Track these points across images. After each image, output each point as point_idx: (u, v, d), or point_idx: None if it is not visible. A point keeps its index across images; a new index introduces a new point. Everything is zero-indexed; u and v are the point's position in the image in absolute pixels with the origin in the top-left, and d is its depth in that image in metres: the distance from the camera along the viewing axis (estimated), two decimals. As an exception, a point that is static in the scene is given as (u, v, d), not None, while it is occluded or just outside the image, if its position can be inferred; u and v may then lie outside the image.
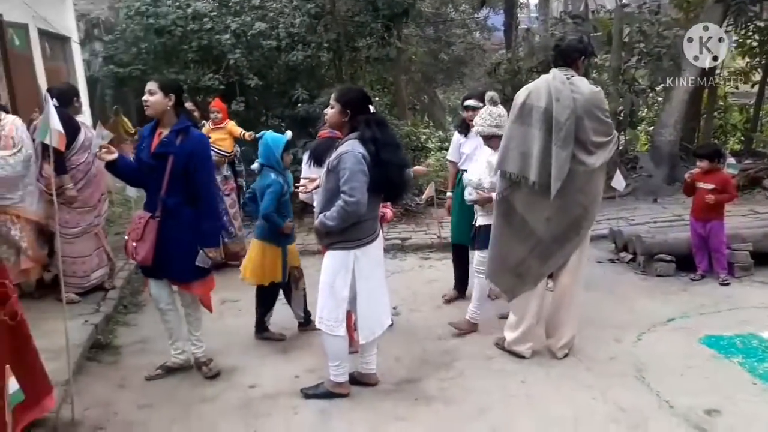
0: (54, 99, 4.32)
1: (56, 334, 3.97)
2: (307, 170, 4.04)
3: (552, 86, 3.52)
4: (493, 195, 3.85)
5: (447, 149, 9.92)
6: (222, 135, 6.06)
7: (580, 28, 8.38)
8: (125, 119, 9.05)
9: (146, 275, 3.79)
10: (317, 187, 3.59)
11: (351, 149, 3.12)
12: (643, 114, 11.49)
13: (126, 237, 3.74)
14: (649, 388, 3.52)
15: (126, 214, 7.36)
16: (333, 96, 3.32)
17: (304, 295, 4.52)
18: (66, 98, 4.93)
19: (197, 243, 3.51)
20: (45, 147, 3.94)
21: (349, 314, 3.51)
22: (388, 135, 3.30)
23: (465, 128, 4.86)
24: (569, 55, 3.65)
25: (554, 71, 3.64)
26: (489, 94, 4.23)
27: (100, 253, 5.14)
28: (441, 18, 15.18)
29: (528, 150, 3.54)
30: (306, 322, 4.51)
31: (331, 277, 3.28)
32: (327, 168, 3.25)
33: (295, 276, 4.43)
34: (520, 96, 3.66)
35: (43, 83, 8.05)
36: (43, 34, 8.67)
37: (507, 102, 8.03)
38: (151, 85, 3.51)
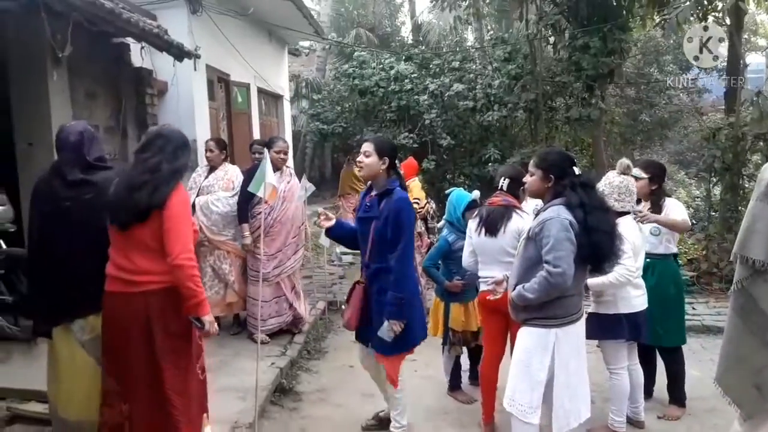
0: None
1: (245, 374, 4.12)
2: (476, 239, 3.73)
3: None
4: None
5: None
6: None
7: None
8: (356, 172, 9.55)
9: (356, 339, 3.73)
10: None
11: (556, 215, 2.83)
12: None
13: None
14: None
15: (314, 260, 7.66)
16: (533, 162, 3.05)
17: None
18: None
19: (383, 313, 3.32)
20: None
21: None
22: (596, 198, 2.96)
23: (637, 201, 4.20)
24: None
25: None
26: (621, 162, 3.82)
27: (280, 301, 5.15)
28: (644, 79, 14.31)
29: None
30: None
31: (526, 356, 2.96)
32: (527, 235, 2.98)
33: (466, 339, 4.21)
34: (766, 171, 3.07)
35: (257, 136, 8.90)
36: (261, 92, 9.65)
37: (727, 170, 7.22)
38: (367, 147, 3.37)
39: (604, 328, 3.61)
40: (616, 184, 3.65)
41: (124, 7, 4.80)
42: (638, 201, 4.07)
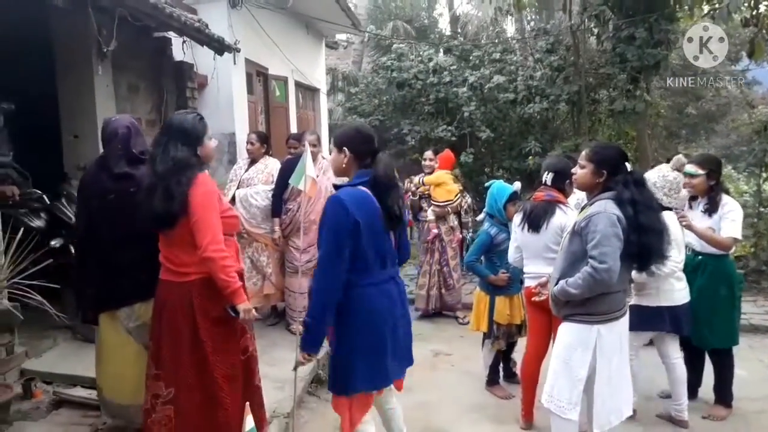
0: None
1: (283, 364, 4.15)
2: (520, 234, 3.66)
3: None
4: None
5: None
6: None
7: None
8: None
9: None
10: None
11: (604, 210, 2.75)
12: None
13: None
14: None
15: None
16: (585, 155, 2.97)
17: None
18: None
19: None
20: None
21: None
22: (648, 196, 2.87)
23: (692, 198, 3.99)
24: None
25: None
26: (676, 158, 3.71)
27: None
28: (690, 71, 13.88)
29: None
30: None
31: (567, 352, 2.90)
32: (573, 229, 2.91)
33: (510, 333, 4.18)
34: None
35: (294, 129, 8.95)
36: (298, 85, 9.70)
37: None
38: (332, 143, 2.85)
39: (645, 320, 3.54)
40: (670, 179, 3.57)
41: (166, 2, 4.87)
42: (694, 198, 3.92)
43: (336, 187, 2.74)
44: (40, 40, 4.81)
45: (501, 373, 4.39)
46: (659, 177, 3.59)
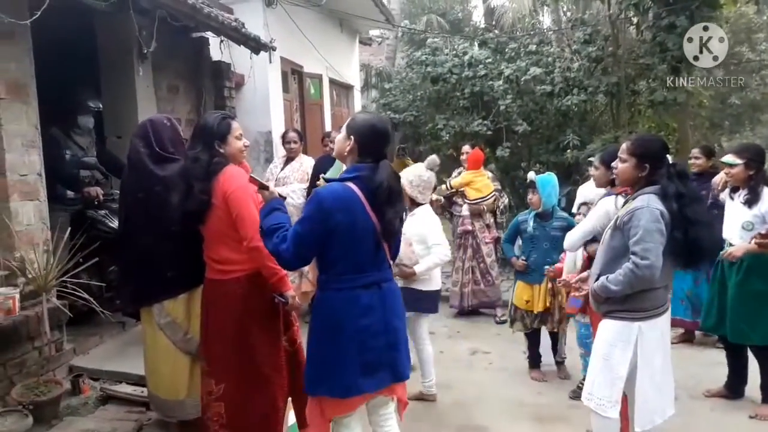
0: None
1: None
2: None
3: None
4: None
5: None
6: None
7: None
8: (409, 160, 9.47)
9: None
10: None
11: (647, 205, 2.69)
12: None
13: None
14: None
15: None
16: (625, 148, 2.89)
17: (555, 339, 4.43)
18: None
19: None
20: None
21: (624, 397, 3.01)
22: (692, 190, 2.79)
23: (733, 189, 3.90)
24: None
25: None
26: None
27: None
28: (735, 59, 13.44)
29: None
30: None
31: (607, 349, 2.84)
32: (614, 224, 2.85)
33: (527, 320, 4.35)
34: None
35: (328, 127, 9.00)
36: (332, 82, 9.75)
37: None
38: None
39: (420, 302, 3.85)
40: (425, 178, 3.92)
41: (203, 2, 4.95)
42: (735, 189, 3.81)
43: (327, 180, 2.69)
44: (86, 43, 4.94)
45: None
46: (415, 176, 3.90)
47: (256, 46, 6.13)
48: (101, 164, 4.67)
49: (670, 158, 2.83)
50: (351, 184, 2.44)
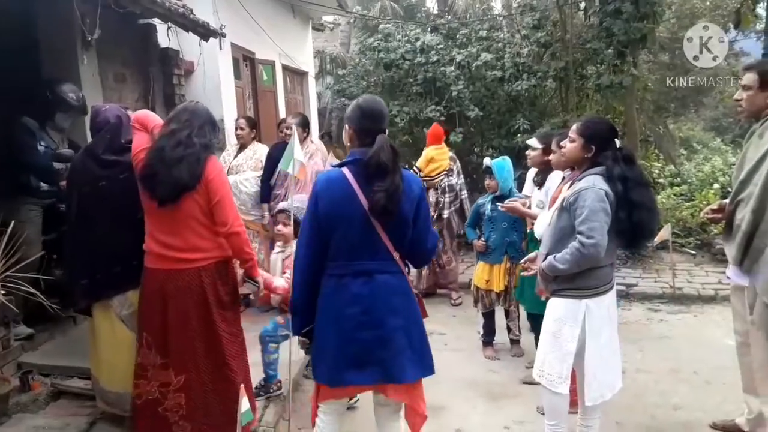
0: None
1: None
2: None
3: None
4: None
5: (679, 185, 8.93)
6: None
7: None
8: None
9: None
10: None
11: (591, 185, 2.78)
12: None
13: None
14: None
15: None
16: (574, 129, 2.99)
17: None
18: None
19: None
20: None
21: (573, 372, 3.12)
22: (637, 173, 2.89)
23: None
24: None
25: None
26: None
27: None
28: (678, 43, 13.86)
29: None
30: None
31: (556, 327, 2.94)
32: (561, 205, 2.94)
33: (487, 299, 4.54)
34: None
35: (282, 114, 8.91)
36: (286, 69, 9.64)
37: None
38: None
39: None
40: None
41: (149, -12, 4.81)
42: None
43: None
44: (25, 31, 4.75)
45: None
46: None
47: (205, 32, 6.01)
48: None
49: (618, 142, 2.94)
50: (345, 169, 2.46)
